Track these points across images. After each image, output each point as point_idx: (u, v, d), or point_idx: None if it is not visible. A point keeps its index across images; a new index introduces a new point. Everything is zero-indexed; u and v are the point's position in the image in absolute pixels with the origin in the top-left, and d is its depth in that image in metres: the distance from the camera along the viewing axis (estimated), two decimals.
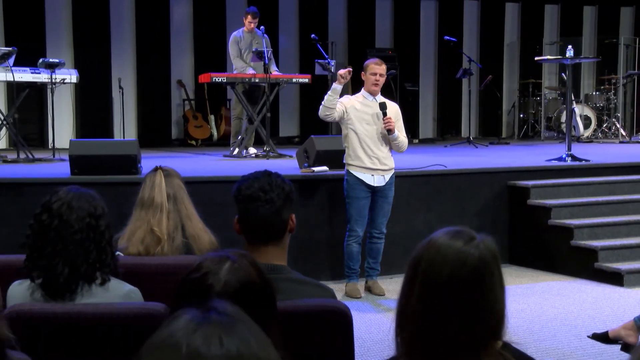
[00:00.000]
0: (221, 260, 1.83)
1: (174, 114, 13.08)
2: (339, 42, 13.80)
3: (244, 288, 1.80)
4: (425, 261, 1.80)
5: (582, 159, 8.46)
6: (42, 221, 2.67)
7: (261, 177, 2.64)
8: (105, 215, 2.73)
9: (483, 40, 15.06)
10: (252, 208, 2.60)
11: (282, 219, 2.64)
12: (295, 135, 13.70)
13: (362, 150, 6.32)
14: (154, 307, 2.55)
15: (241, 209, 2.65)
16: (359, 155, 6.33)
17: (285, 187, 2.65)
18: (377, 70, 6.30)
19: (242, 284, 1.80)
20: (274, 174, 2.69)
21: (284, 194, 2.64)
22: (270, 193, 2.61)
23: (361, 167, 6.33)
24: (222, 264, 1.82)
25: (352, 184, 6.34)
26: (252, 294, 1.81)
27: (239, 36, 10.16)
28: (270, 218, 2.61)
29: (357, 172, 6.33)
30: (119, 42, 12.64)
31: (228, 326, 1.15)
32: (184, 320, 1.16)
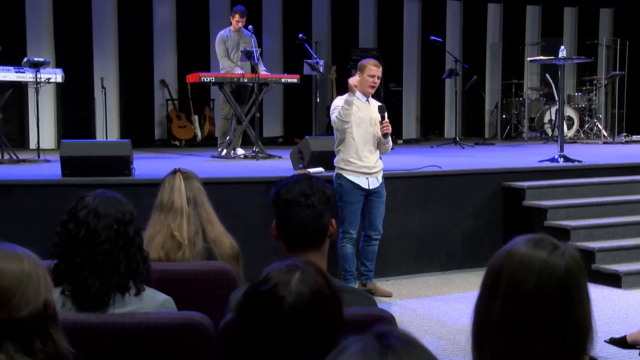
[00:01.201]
0: (290, 270, 1.74)
1: (157, 114, 12.92)
2: (323, 42, 13.72)
3: (315, 298, 1.71)
4: (507, 272, 1.72)
5: (575, 159, 8.45)
6: (69, 230, 2.55)
7: (301, 181, 2.55)
8: (134, 220, 2.62)
9: (466, 40, 15.06)
10: (292, 213, 2.51)
11: (323, 224, 2.56)
12: (279, 136, 13.61)
13: (356, 154, 6.23)
14: (194, 317, 2.46)
15: (281, 214, 2.55)
16: (354, 160, 6.24)
17: (326, 191, 2.57)
18: (375, 72, 6.19)
19: (313, 294, 1.71)
20: (314, 177, 2.61)
21: (325, 198, 2.56)
22: (311, 197, 2.52)
23: (356, 172, 6.24)
24: (292, 274, 1.73)
25: (347, 189, 6.24)
26: (323, 304, 1.73)
27: (225, 35, 10.04)
28: (311, 223, 2.52)
29: (352, 177, 6.24)
30: (102, 42, 12.46)
31: (410, 352, 1.06)
32: (363, 351, 1.06)
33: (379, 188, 6.36)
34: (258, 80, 9.37)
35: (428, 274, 7.44)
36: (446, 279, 7.30)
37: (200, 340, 2.43)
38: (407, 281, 7.24)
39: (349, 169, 6.26)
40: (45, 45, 12.07)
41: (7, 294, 1.65)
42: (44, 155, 9.15)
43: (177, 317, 2.46)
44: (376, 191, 6.33)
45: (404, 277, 7.34)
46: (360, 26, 14.26)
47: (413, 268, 7.44)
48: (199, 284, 3.16)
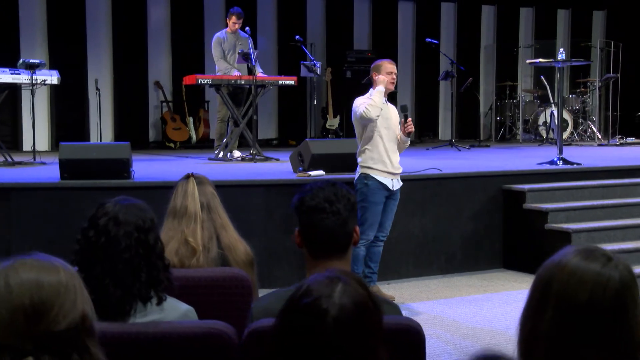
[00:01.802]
0: (332, 281, 1.70)
1: (152, 116, 12.85)
2: (318, 44, 13.69)
3: (359, 310, 1.67)
4: (558, 284, 1.69)
5: (574, 162, 8.44)
6: (89, 238, 2.51)
7: (326, 187, 2.51)
8: (155, 227, 2.57)
9: (460, 42, 15.06)
10: (317, 220, 2.47)
11: (348, 230, 2.52)
12: (274, 138, 13.56)
13: (385, 154, 6.21)
14: (217, 326, 2.41)
15: (304, 220, 2.51)
16: (383, 159, 6.20)
17: (350, 198, 2.53)
18: (392, 70, 6.21)
19: (356, 306, 1.67)
20: (338, 183, 2.57)
21: (350, 204, 2.52)
22: (336, 204, 2.48)
23: (384, 172, 6.21)
24: (334, 286, 1.69)
25: (374, 189, 6.18)
26: (366, 316, 1.69)
27: (222, 37, 9.98)
28: (337, 230, 2.48)
29: (380, 177, 6.19)
30: (96, 43, 12.39)
31: None
32: None
33: (398, 190, 6.33)
34: (255, 82, 9.32)
35: (428, 277, 7.41)
36: (447, 282, 7.27)
37: (224, 350, 2.39)
38: (407, 284, 7.21)
39: (377, 169, 6.19)
40: (38, 46, 11.99)
41: (45, 307, 1.61)
42: (39, 157, 9.07)
43: (200, 326, 2.42)
44: (394, 192, 6.30)
45: (405, 281, 7.31)
46: (354, 28, 14.23)
47: (413, 271, 7.40)
48: (213, 291, 3.11)
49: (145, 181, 7.00)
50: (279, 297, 2.56)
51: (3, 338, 1.59)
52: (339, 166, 7.50)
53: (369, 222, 6.18)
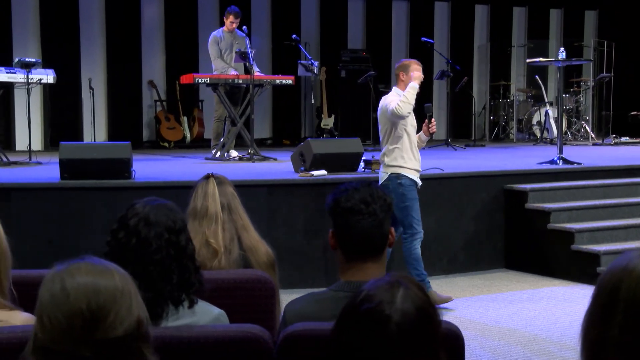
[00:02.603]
0: (392, 286, 1.65)
1: (145, 115, 12.76)
2: (312, 43, 13.64)
3: (421, 315, 1.63)
4: (626, 288, 1.64)
5: (574, 162, 8.43)
6: (119, 239, 2.45)
7: (361, 188, 2.46)
8: (186, 229, 2.52)
9: (453, 42, 15.03)
10: (353, 221, 2.42)
11: (384, 232, 2.47)
12: (268, 138, 13.49)
13: (411, 152, 6.19)
14: (253, 330, 2.36)
15: (339, 222, 2.46)
16: (411, 157, 6.19)
17: (386, 199, 2.48)
18: (419, 70, 6.19)
19: (418, 311, 1.62)
20: (373, 183, 2.52)
21: (386, 205, 2.47)
22: (372, 205, 2.43)
23: (413, 170, 6.21)
24: (395, 291, 1.64)
25: (409, 186, 6.16)
26: (428, 321, 1.64)
27: (219, 36, 9.92)
28: (373, 232, 2.43)
29: (411, 175, 6.19)
30: (89, 42, 12.29)
31: None
32: None
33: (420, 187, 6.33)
34: (253, 82, 9.26)
35: (431, 278, 7.32)
36: (449, 283, 7.24)
37: (260, 354, 2.34)
38: None
39: (408, 167, 6.17)
40: (31, 45, 11.88)
41: (102, 312, 1.56)
42: (35, 157, 8.98)
43: (236, 330, 2.36)
44: (418, 189, 6.29)
45: None
46: (349, 27, 14.19)
47: None
48: (236, 294, 3.06)
49: (146, 181, 6.94)
50: (313, 300, 2.52)
51: (59, 344, 1.54)
52: (341, 166, 7.46)
53: (416, 219, 6.16)
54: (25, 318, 2.42)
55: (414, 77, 6.09)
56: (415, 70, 6.12)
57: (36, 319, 1.60)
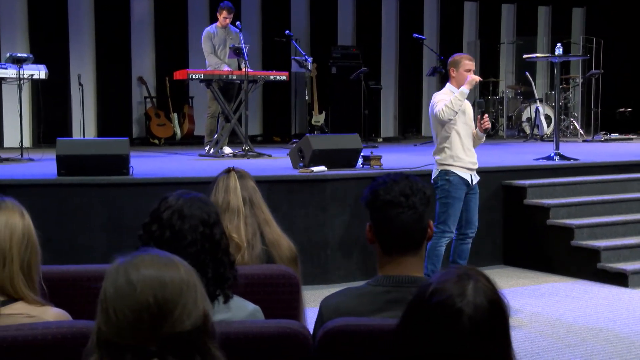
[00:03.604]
0: (461, 278, 1.60)
1: (135, 112, 12.64)
2: (302, 39, 13.56)
3: (493, 308, 1.58)
4: None
5: (571, 158, 8.43)
6: (152, 232, 2.38)
7: (400, 181, 2.41)
8: (220, 222, 2.46)
9: (443, 38, 15.02)
10: (392, 214, 2.37)
11: (423, 226, 2.42)
12: (258, 134, 13.41)
13: (462, 150, 6.13)
14: (292, 326, 2.31)
15: (378, 215, 2.41)
16: (460, 155, 6.12)
17: (426, 192, 2.43)
18: (471, 66, 6.10)
19: (490, 304, 1.58)
20: (412, 176, 2.47)
21: (426, 198, 2.42)
22: (412, 198, 2.38)
23: (463, 168, 6.14)
24: (466, 283, 1.59)
25: (456, 184, 6.08)
26: (500, 314, 1.59)
27: (212, 32, 9.84)
28: (412, 225, 2.38)
29: (461, 172, 6.12)
30: (78, 38, 12.15)
31: None
32: None
33: (476, 184, 6.27)
34: (247, 78, 9.19)
35: None
36: None
37: (299, 350, 2.29)
38: None
39: (458, 165, 6.11)
40: (20, 40, 11.73)
41: (170, 306, 1.50)
42: (27, 154, 8.87)
43: (275, 326, 2.31)
44: (474, 187, 6.23)
45: None
46: (339, 23, 14.13)
47: None
48: (261, 289, 3.00)
49: (145, 177, 6.86)
50: (351, 295, 2.47)
51: (126, 338, 1.48)
52: (340, 162, 7.42)
53: (452, 218, 6.10)
54: (57, 314, 2.37)
55: (467, 81, 6.01)
56: (464, 68, 6.05)
57: (99, 312, 1.55)
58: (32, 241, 2.39)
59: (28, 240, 2.38)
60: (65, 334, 2.23)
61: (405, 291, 2.37)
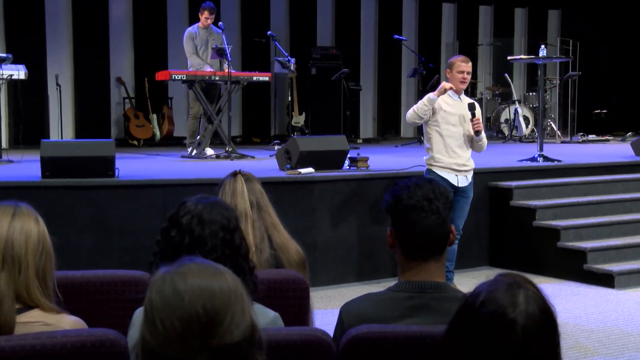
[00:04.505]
0: (511, 287, 1.57)
1: (114, 113, 12.51)
2: (281, 40, 13.48)
3: (545, 317, 1.55)
4: None
5: (555, 159, 8.47)
6: (171, 238, 2.33)
7: (423, 185, 2.38)
8: (239, 227, 2.41)
9: (421, 39, 15.03)
10: (416, 219, 2.34)
11: (446, 230, 2.39)
12: (238, 135, 13.33)
13: (445, 151, 6.21)
14: (316, 332, 2.27)
15: (400, 220, 2.37)
16: (440, 156, 6.23)
17: (449, 196, 2.40)
18: (464, 68, 6.17)
19: (542, 313, 1.55)
20: (434, 180, 2.44)
21: (449, 203, 2.39)
22: (435, 202, 2.35)
23: (445, 168, 6.23)
24: (517, 293, 1.56)
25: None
26: (551, 323, 1.57)
27: (194, 32, 9.77)
28: (436, 230, 2.35)
29: (442, 173, 6.22)
30: (55, 38, 12.00)
31: None
32: None
33: (467, 187, 6.31)
34: (230, 79, 9.12)
35: None
36: None
37: (322, 358, 2.25)
38: None
39: (438, 165, 6.24)
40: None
41: (219, 316, 1.45)
42: (6, 155, 8.73)
43: (298, 333, 2.27)
44: (464, 190, 6.28)
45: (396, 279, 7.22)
46: (318, 24, 14.10)
47: None
48: (271, 294, 2.95)
49: (131, 179, 6.77)
50: (372, 301, 2.43)
51: (174, 350, 1.43)
52: (327, 163, 7.38)
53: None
54: (73, 322, 2.31)
55: (441, 87, 6.10)
56: (457, 70, 6.12)
57: (145, 323, 1.49)
58: (47, 247, 2.33)
59: (43, 246, 2.32)
60: (85, 343, 2.18)
61: (428, 297, 2.35)
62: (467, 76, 6.25)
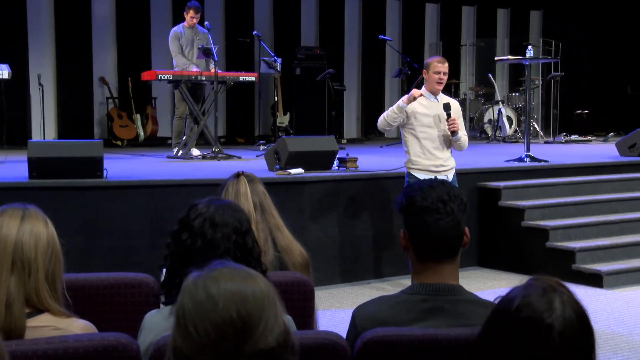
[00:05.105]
0: (547, 292, 1.56)
1: (97, 113, 12.40)
2: (265, 40, 13.42)
3: (582, 322, 1.54)
4: None
5: (541, 159, 8.51)
6: (183, 241, 2.30)
7: (437, 186, 2.36)
8: (251, 230, 2.39)
9: (405, 40, 15.04)
10: (430, 221, 2.32)
11: (461, 232, 2.38)
12: (222, 136, 13.25)
13: (422, 153, 6.23)
14: (330, 336, 2.25)
15: (414, 222, 2.35)
16: (416, 158, 6.26)
17: (463, 198, 2.39)
18: (440, 69, 6.17)
19: (579, 318, 1.54)
20: (448, 182, 2.42)
21: (463, 204, 2.38)
22: (450, 204, 2.33)
23: (422, 170, 6.23)
24: (553, 297, 1.55)
25: None
26: (587, 328, 1.56)
27: (179, 32, 9.70)
28: (450, 232, 2.33)
29: (419, 174, 6.21)
30: (37, 37, 11.88)
31: None
32: None
33: None
34: (217, 79, 9.08)
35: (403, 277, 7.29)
36: None
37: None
38: (387, 284, 7.12)
39: (415, 167, 6.25)
40: None
41: (253, 321, 1.43)
42: None
43: (313, 337, 2.25)
44: None
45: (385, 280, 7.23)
46: (302, 24, 14.07)
47: (392, 271, 7.32)
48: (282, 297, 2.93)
49: (120, 180, 6.71)
50: (386, 304, 2.41)
51: (208, 356, 1.41)
52: (316, 164, 7.36)
53: None
54: (84, 326, 2.28)
55: (410, 94, 6.15)
56: (433, 71, 6.13)
57: (177, 329, 1.47)
58: (57, 250, 2.30)
59: (52, 249, 2.28)
60: (97, 347, 2.15)
61: (442, 300, 2.34)
62: (444, 77, 6.26)
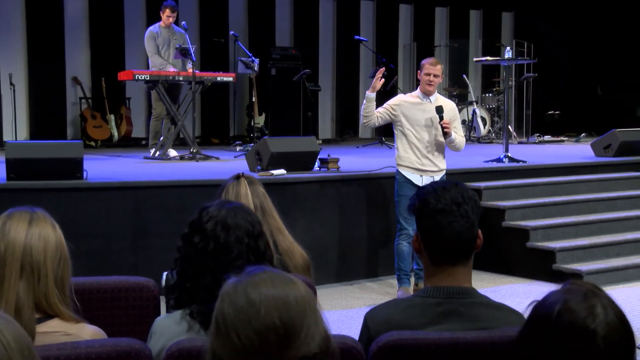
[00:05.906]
0: (587, 296, 1.54)
1: (70, 113, 12.24)
2: (240, 40, 13.38)
3: (624, 326, 1.52)
4: None
5: (520, 160, 8.55)
6: (195, 245, 2.25)
7: (451, 188, 2.34)
8: (264, 233, 2.35)
9: (379, 40, 15.06)
10: (444, 223, 2.30)
11: (474, 235, 2.36)
12: (197, 136, 13.13)
13: (411, 152, 6.31)
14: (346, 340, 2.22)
15: (428, 224, 2.33)
16: (408, 156, 6.33)
17: (477, 200, 2.37)
18: (431, 71, 6.20)
19: (621, 322, 1.52)
20: (460, 183, 2.41)
21: (477, 206, 2.36)
22: (464, 206, 2.31)
23: (410, 168, 6.30)
24: (594, 302, 1.53)
25: (402, 183, 6.34)
26: (629, 332, 1.54)
27: (155, 31, 9.61)
28: (464, 234, 2.32)
29: (406, 172, 6.33)
30: (8, 36, 11.69)
31: None
32: None
33: None
34: (195, 79, 9.01)
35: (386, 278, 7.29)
36: None
37: None
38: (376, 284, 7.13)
39: (402, 165, 6.36)
40: None
41: (296, 327, 1.39)
42: None
43: None
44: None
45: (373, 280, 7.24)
46: (277, 24, 14.03)
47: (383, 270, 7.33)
48: None
49: (100, 182, 6.63)
50: (400, 307, 2.39)
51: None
52: (297, 164, 7.33)
53: (402, 216, 6.25)
54: (93, 331, 2.23)
55: (373, 84, 6.33)
56: (426, 71, 6.27)
57: (216, 336, 1.43)
58: (65, 254, 2.25)
59: (61, 253, 2.23)
60: (110, 353, 2.10)
61: (456, 302, 2.32)
62: (434, 79, 6.29)
